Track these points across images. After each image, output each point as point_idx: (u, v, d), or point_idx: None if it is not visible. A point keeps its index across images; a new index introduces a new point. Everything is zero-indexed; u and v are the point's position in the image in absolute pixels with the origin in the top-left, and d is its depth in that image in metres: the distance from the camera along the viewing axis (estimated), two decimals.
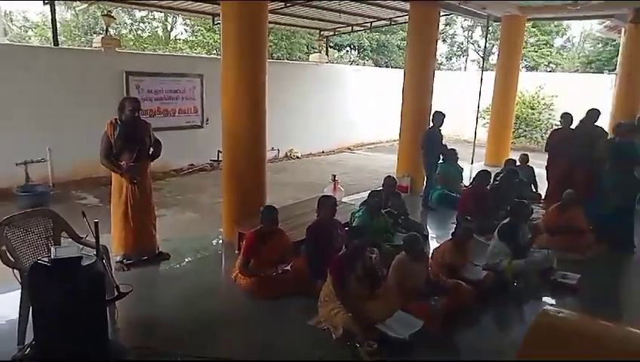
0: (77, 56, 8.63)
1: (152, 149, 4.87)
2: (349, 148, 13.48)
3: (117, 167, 4.63)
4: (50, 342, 2.84)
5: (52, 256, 2.77)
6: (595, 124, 6.71)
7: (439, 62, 22.81)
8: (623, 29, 10.55)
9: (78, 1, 10.21)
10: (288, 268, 4.33)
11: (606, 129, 7.07)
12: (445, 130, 7.47)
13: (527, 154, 8.14)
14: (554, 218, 5.72)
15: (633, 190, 5.80)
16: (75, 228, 3.76)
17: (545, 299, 4.57)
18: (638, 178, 5.64)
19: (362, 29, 13.75)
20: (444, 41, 24.05)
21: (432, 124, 7.19)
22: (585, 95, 11.76)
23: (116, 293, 3.16)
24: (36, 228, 3.55)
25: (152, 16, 19.69)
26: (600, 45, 21.31)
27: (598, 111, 6.75)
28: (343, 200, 6.89)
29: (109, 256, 3.75)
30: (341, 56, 20.30)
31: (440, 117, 7.11)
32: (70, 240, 3.71)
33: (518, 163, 7.77)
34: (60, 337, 2.80)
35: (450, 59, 25.67)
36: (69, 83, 7.92)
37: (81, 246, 3.45)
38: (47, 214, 3.71)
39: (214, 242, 5.71)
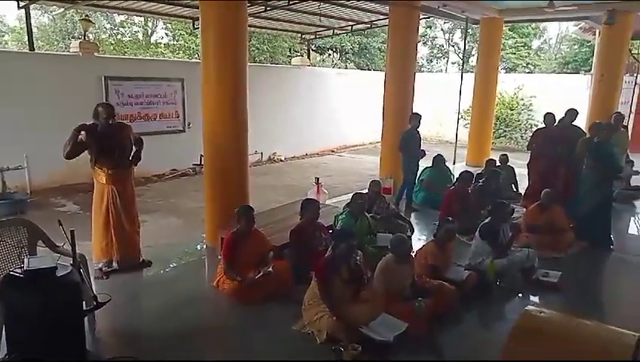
0: (54, 61, 8.48)
1: (134, 149, 4.76)
2: (332, 151, 13.50)
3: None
4: (25, 354, 2.75)
5: (25, 267, 2.69)
6: (573, 123, 6.85)
7: (420, 64, 23.03)
8: (597, 31, 10.81)
9: (54, 6, 10.02)
10: (270, 269, 4.29)
11: (583, 128, 7.23)
12: (427, 131, 7.54)
13: (506, 155, 8.24)
14: (534, 217, 5.79)
15: (609, 188, 5.93)
16: (53, 236, 3.67)
17: (527, 297, 4.61)
18: (613, 177, 5.78)
19: (344, 32, 13.80)
20: (424, 43, 24.28)
21: (409, 126, 7.25)
22: (562, 95, 11.98)
23: (94, 303, 3.09)
24: (9, 238, 3.45)
25: (131, 21, 19.45)
26: (576, 46, 21.77)
27: (576, 111, 6.90)
28: (326, 202, 6.88)
29: (88, 264, 3.66)
30: (323, 60, 20.33)
31: (417, 118, 7.19)
32: (47, 249, 3.62)
33: (498, 163, 7.86)
34: (36, 350, 2.72)
35: (431, 62, 25.93)
36: (46, 88, 7.77)
37: (58, 255, 3.36)
38: (20, 223, 3.62)
39: (198, 247, 5.64)
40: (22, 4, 8.30)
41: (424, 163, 7.81)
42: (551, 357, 2.29)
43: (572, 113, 6.87)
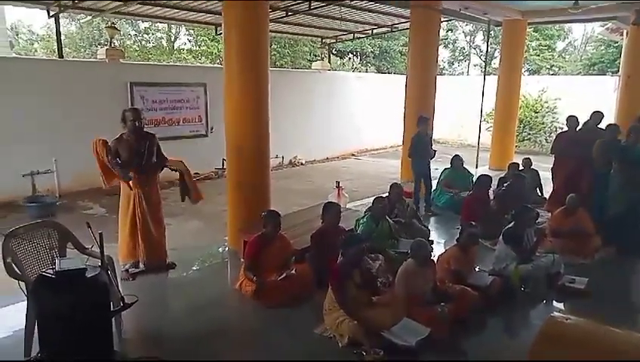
0: (82, 68, 8.72)
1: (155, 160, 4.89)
2: (353, 155, 13.49)
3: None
4: (56, 353, 2.84)
5: (56, 268, 2.78)
6: (598, 126, 6.70)
7: (441, 67, 22.84)
8: (625, 31, 10.54)
9: (82, 14, 10.32)
10: (293, 271, 4.33)
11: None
12: (449, 134, 7.47)
13: (529, 158, 8.07)
14: (560, 221, 5.69)
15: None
16: (81, 238, 3.77)
17: (553, 304, 4.53)
18: None
19: (364, 35, 13.81)
20: (446, 46, 24.07)
21: (418, 130, 7.20)
22: (588, 97, 11.72)
23: (121, 304, 3.16)
24: (41, 240, 3.56)
25: (155, 27, 19.87)
26: (602, 47, 21.24)
27: (602, 113, 6.75)
28: (347, 206, 6.88)
29: (115, 266, 3.75)
30: (344, 63, 20.35)
31: (425, 121, 7.16)
32: (75, 251, 3.72)
33: (521, 167, 7.74)
34: (66, 348, 2.80)
35: (453, 65, 25.68)
36: (74, 94, 7.99)
37: (87, 257, 3.45)
38: (51, 225, 3.73)
39: (220, 250, 5.71)
40: (52, 13, 8.58)
41: (443, 165, 7.74)
42: None
43: (597, 116, 6.73)
